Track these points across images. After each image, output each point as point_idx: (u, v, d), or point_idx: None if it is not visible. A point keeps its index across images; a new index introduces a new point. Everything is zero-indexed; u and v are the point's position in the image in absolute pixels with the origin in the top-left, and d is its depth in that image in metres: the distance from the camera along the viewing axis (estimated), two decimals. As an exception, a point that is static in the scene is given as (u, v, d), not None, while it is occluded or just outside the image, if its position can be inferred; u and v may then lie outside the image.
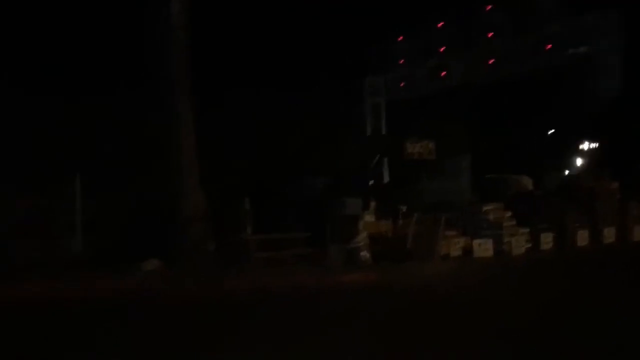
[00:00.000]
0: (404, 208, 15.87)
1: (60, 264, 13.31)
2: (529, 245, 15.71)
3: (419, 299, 9.94)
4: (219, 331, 7.84)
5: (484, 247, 14.95)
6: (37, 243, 13.55)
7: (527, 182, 19.75)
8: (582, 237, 16.55)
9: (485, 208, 15.81)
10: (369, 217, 14.83)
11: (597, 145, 27.04)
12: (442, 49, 21.51)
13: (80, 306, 9.65)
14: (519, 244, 15.44)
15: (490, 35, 20.32)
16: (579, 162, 27.74)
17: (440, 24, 21.65)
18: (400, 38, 23.03)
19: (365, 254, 13.85)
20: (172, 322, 8.35)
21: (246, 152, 17.67)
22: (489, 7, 20.42)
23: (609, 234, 17.01)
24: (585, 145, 27.71)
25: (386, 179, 21.99)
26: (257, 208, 14.55)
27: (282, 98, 18.42)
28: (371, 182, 19.72)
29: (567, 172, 26.13)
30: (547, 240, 16.01)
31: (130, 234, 14.30)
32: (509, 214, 15.85)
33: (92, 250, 14.10)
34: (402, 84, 23.26)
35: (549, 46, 19.35)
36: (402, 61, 22.82)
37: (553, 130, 29.10)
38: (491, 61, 20.55)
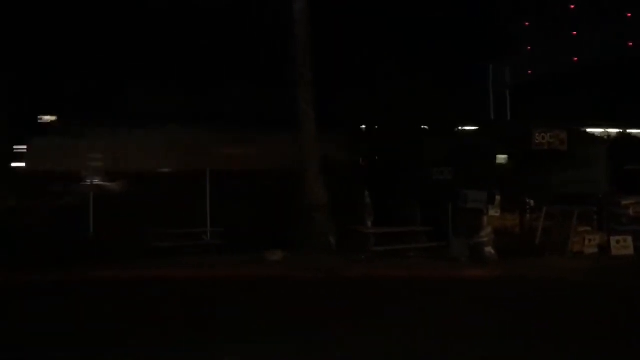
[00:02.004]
0: (531, 202, 15.05)
1: (191, 252, 14.13)
2: (675, 243, 14.30)
3: (556, 293, 9.72)
4: (351, 317, 8.03)
5: (622, 245, 13.84)
6: (171, 231, 14.43)
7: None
8: None
9: (624, 202, 14.61)
10: (494, 211, 14.21)
11: None
12: (574, 33, 20.13)
13: (215, 290, 10.54)
14: (663, 242, 14.11)
15: (629, 15, 18.73)
16: None
17: (572, 6, 20.27)
18: (527, 23, 21.89)
19: (490, 250, 13.29)
20: (301, 308, 8.64)
21: (366, 143, 17.61)
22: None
23: None
24: None
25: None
26: (378, 201, 14.42)
27: (401, 87, 18.09)
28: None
29: None
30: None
31: (255, 224, 14.80)
32: (651, 208, 14.53)
33: (220, 239, 14.72)
34: (529, 71, 22.10)
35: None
36: (529, 47, 21.67)
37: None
38: (630, 43, 18.95)
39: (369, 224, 14.23)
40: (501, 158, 20.77)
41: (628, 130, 21.79)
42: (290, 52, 14.32)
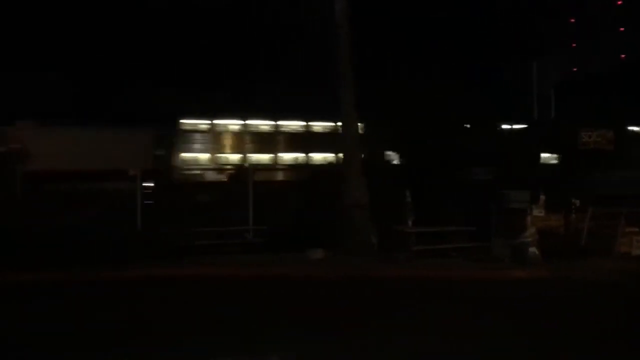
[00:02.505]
0: (577, 202, 14.78)
1: (233, 250, 14.39)
2: None
3: (602, 296, 9.58)
4: (393, 317, 8.08)
5: (671, 246, 13.46)
6: (214, 229, 14.73)
7: None
8: None
9: (675, 203, 14.19)
10: (538, 211, 14.01)
11: None
12: (621, 29, 19.64)
13: (257, 289, 10.80)
14: None
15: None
16: None
17: (619, 2, 19.78)
18: (572, 20, 21.45)
19: (534, 250, 13.10)
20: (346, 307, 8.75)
21: (407, 143, 17.57)
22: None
23: None
24: None
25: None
26: (419, 200, 14.40)
27: (442, 85, 17.98)
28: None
29: None
30: None
31: (296, 223, 14.98)
32: None
33: (261, 238, 14.93)
34: (574, 68, 21.65)
35: None
36: (574, 44, 21.24)
37: None
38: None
39: (410, 223, 14.22)
40: (545, 157, 20.46)
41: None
42: (332, 54, 14.41)
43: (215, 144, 21.11)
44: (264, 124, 22.08)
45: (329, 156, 22.59)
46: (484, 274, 11.90)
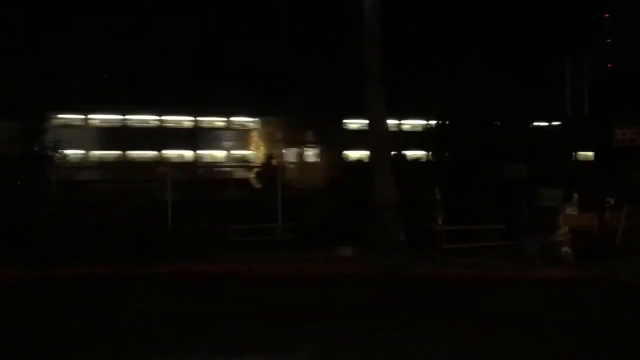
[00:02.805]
0: (611, 200, 14.45)
1: (262, 247, 14.47)
2: None
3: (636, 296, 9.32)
4: (423, 316, 8.02)
5: None
6: (244, 226, 14.82)
7: None
8: None
9: None
10: (571, 210, 13.73)
11: None
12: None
13: (287, 285, 11.00)
14: None
15: None
16: None
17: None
18: (606, 15, 20.97)
19: (566, 249, 12.86)
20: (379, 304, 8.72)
21: (436, 139, 17.38)
22: None
23: None
24: None
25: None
26: (449, 198, 14.25)
27: (473, 82, 17.74)
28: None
29: None
30: None
31: (325, 220, 14.97)
32: None
33: (290, 235, 14.97)
34: (609, 64, 21.17)
35: None
36: (608, 39, 20.76)
37: None
38: None
39: (439, 221, 14.09)
40: (579, 155, 20.06)
41: None
42: (361, 51, 14.35)
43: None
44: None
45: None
46: (514, 274, 11.71)
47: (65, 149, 14.51)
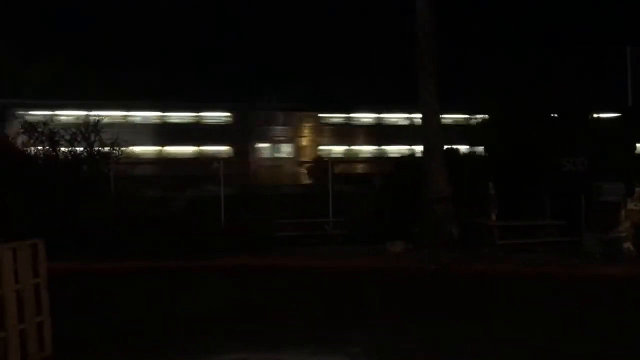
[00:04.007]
0: (677, 194, 13.77)
1: (313, 242, 14.54)
2: None
3: None
4: (478, 314, 7.86)
5: None
6: (294, 221, 14.91)
7: None
8: None
9: None
10: (633, 204, 13.20)
11: None
12: None
13: (340, 281, 10.90)
14: None
15: None
16: None
17: None
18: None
19: (628, 246, 12.40)
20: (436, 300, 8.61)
21: (490, 132, 17.02)
22: None
23: None
24: None
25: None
26: (503, 192, 13.92)
27: (529, 72, 17.29)
28: None
29: None
30: None
31: (376, 215, 14.90)
32: None
33: (341, 230, 14.96)
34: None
35: None
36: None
37: None
38: None
39: (494, 216, 13.80)
40: (641, 147, 19.27)
41: None
42: (413, 43, 14.15)
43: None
44: None
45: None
46: (575, 271, 11.32)
47: (121, 145, 14.98)
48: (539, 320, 7.65)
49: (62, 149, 14.66)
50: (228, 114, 24.91)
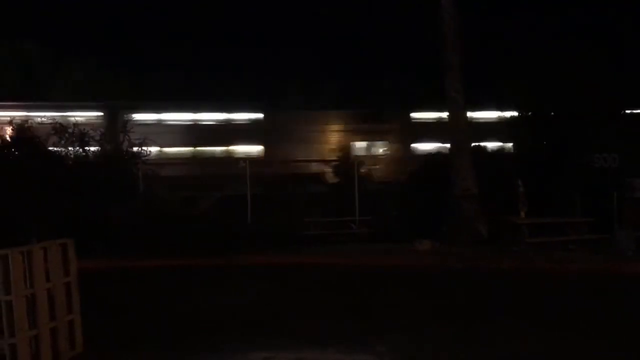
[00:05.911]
0: None
1: (340, 240, 14.53)
2: None
3: None
4: (507, 312, 7.74)
5: None
6: (321, 219, 14.94)
7: None
8: None
9: None
10: (666, 201, 12.92)
11: None
12: None
13: (365, 279, 10.79)
14: None
15: None
16: None
17: None
18: None
19: (662, 243, 12.12)
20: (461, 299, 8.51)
21: (519, 128, 16.76)
22: None
23: None
24: None
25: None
26: (533, 190, 13.71)
27: (559, 67, 16.90)
28: None
29: None
30: None
31: (402, 213, 14.81)
32: None
33: (367, 228, 14.94)
34: None
35: None
36: None
37: None
38: None
39: (523, 214, 13.61)
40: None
41: None
42: (439, 38, 14.02)
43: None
44: None
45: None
46: (608, 268, 11.06)
47: (150, 145, 15.16)
48: (575, 319, 7.48)
49: (91, 148, 14.91)
50: (261, 115, 25.02)
